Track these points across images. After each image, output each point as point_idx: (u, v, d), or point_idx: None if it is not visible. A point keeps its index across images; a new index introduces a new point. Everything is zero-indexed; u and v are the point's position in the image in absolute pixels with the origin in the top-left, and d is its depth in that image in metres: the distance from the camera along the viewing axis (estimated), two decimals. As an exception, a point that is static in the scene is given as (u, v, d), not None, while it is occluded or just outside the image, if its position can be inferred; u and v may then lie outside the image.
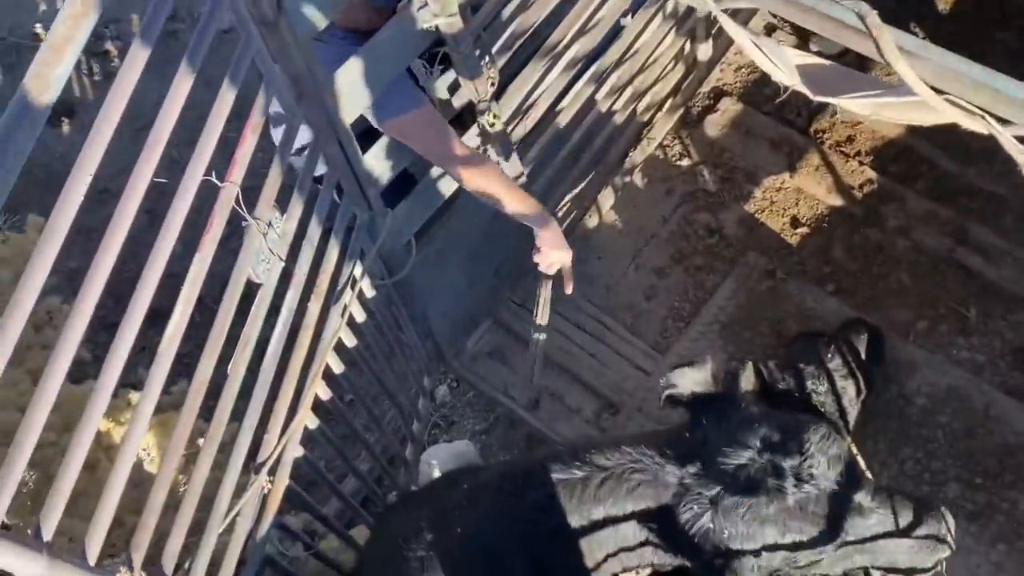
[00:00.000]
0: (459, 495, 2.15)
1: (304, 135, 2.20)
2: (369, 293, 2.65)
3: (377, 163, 2.41)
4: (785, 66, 1.44)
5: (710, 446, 2.07)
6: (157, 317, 1.70)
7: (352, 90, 2.17)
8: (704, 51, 3.66)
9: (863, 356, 2.97)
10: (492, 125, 2.53)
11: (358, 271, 2.48)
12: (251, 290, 2.08)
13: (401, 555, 2.03)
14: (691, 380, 2.25)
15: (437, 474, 2.67)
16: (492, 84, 2.45)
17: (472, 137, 2.65)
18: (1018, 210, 3.44)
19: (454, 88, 2.49)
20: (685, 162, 3.74)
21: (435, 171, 2.69)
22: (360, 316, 2.60)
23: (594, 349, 3.42)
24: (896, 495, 2.18)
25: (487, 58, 2.43)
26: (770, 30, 3.95)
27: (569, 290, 2.83)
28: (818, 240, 3.52)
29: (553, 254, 2.66)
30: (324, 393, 2.42)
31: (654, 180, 3.73)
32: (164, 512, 1.79)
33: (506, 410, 3.42)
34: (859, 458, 3.06)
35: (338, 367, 2.50)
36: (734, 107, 3.81)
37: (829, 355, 2.85)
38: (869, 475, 2.94)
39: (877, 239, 3.48)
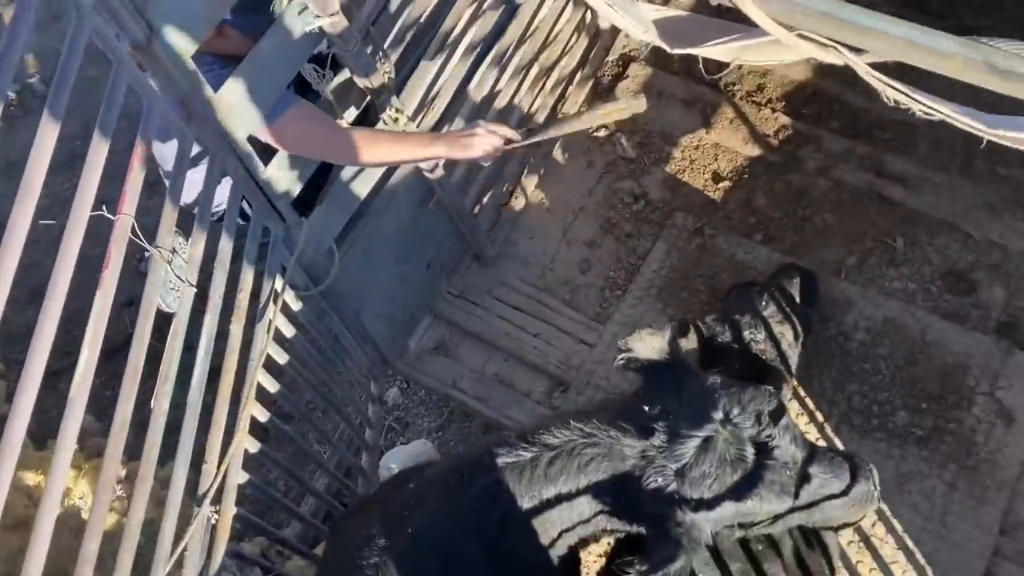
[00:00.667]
0: (407, 495, 2.13)
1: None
2: (295, 306, 2.60)
3: (282, 173, 2.36)
4: (641, 22, 1.43)
5: (671, 417, 2.07)
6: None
7: (242, 104, 2.12)
8: (605, 19, 3.64)
9: (797, 299, 3.00)
10: (396, 119, 2.50)
11: (279, 285, 2.44)
12: (168, 321, 2.03)
13: (354, 564, 2.00)
14: (648, 346, 2.25)
15: (397, 477, 2.65)
16: (389, 79, 2.42)
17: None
18: (930, 136, 3.49)
19: (352, 87, 2.45)
20: (602, 132, 3.74)
21: (346, 173, 2.64)
22: (288, 331, 2.55)
23: (536, 329, 3.41)
24: (834, 456, 2.22)
25: (379, 53, 2.39)
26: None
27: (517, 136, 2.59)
28: (741, 192, 3.54)
29: (477, 148, 2.46)
30: (261, 414, 2.38)
31: (574, 154, 3.72)
32: (108, 558, 1.74)
33: (458, 403, 3.40)
34: (807, 400, 3.12)
35: (273, 386, 2.46)
36: (643, 71, 3.81)
37: (763, 303, 2.87)
38: (813, 440, 2.99)
39: (798, 183, 3.51)
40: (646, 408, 2.10)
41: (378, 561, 1.96)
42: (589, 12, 3.59)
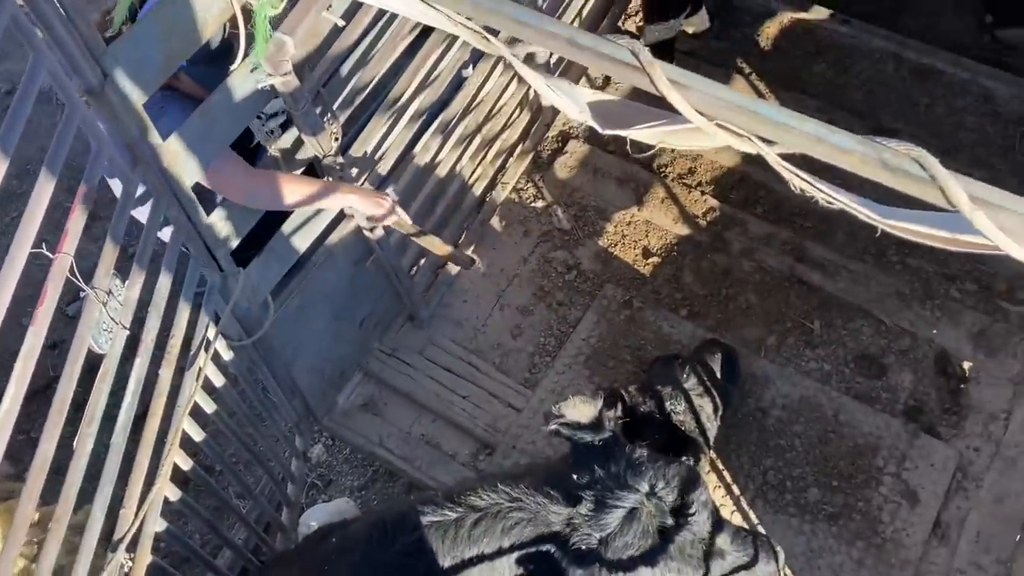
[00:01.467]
0: (328, 549, 2.13)
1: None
2: (226, 355, 2.61)
3: (223, 223, 2.40)
4: (577, 103, 1.53)
5: (598, 486, 2.13)
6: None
7: (188, 153, 2.16)
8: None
9: (718, 374, 3.11)
10: (340, 178, 2.56)
11: (211, 333, 2.45)
12: (98, 362, 2.03)
13: (270, 617, 1.99)
14: (579, 412, 2.31)
15: (315, 535, 2.63)
16: (336, 139, 2.49)
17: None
18: (847, 226, 3.70)
19: (298, 143, 2.51)
20: (539, 203, 3.86)
21: (287, 227, 2.69)
22: (218, 380, 2.55)
23: (466, 391, 3.46)
24: (744, 533, 2.31)
25: (328, 115, 2.46)
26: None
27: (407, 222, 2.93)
28: (669, 268, 3.68)
29: (369, 209, 2.72)
30: (184, 462, 2.36)
31: (511, 222, 3.83)
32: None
33: (384, 462, 3.40)
34: (724, 472, 3.21)
35: (198, 434, 2.45)
36: (581, 148, 3.97)
37: (685, 375, 2.97)
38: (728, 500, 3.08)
39: (724, 263, 3.67)
40: (574, 476, 2.15)
41: (294, 613, 1.96)
42: (532, 90, 3.73)
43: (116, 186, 2.49)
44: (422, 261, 3.56)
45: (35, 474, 1.75)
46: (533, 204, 3.86)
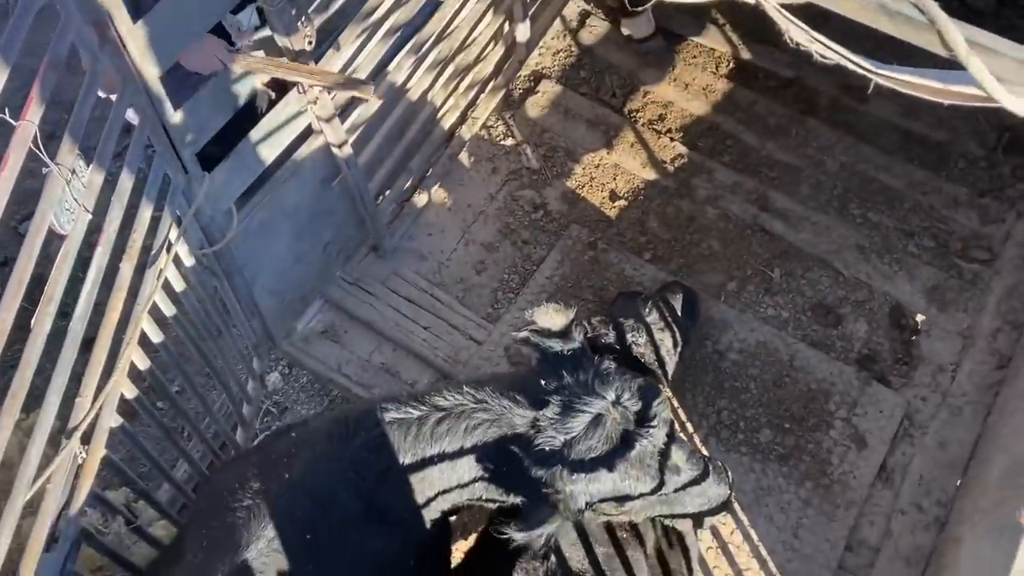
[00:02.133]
0: (288, 443, 2.11)
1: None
2: (188, 261, 2.56)
3: (190, 120, 2.35)
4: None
5: (566, 392, 2.13)
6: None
7: (157, 42, 2.11)
8: (522, 32, 3.78)
9: (679, 313, 3.14)
10: (311, 85, 2.52)
11: (173, 235, 2.40)
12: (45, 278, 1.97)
13: (225, 507, 1.96)
14: (551, 320, 2.29)
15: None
16: (309, 43, 2.45)
17: (293, 97, 2.63)
18: (812, 179, 3.74)
19: (271, 46, 2.46)
20: (509, 141, 3.84)
21: (255, 134, 2.64)
22: (179, 284, 2.51)
23: (427, 322, 3.45)
24: (697, 454, 2.35)
25: (303, 17, 2.42)
26: (584, 16, 4.14)
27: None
28: (635, 212, 3.70)
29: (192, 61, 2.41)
30: (141, 361, 2.32)
31: (480, 159, 3.81)
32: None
33: (342, 389, 3.38)
34: (679, 410, 3.25)
35: (156, 335, 2.41)
36: (553, 89, 3.95)
37: (647, 310, 3.00)
38: (684, 436, 3.13)
39: (689, 209, 3.70)
40: (542, 382, 2.16)
41: (251, 504, 1.94)
42: (507, 23, 3.71)
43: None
44: (387, 192, 3.53)
45: (-10, 346, 1.70)
46: (502, 142, 3.84)
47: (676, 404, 3.26)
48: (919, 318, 3.46)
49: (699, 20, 4.10)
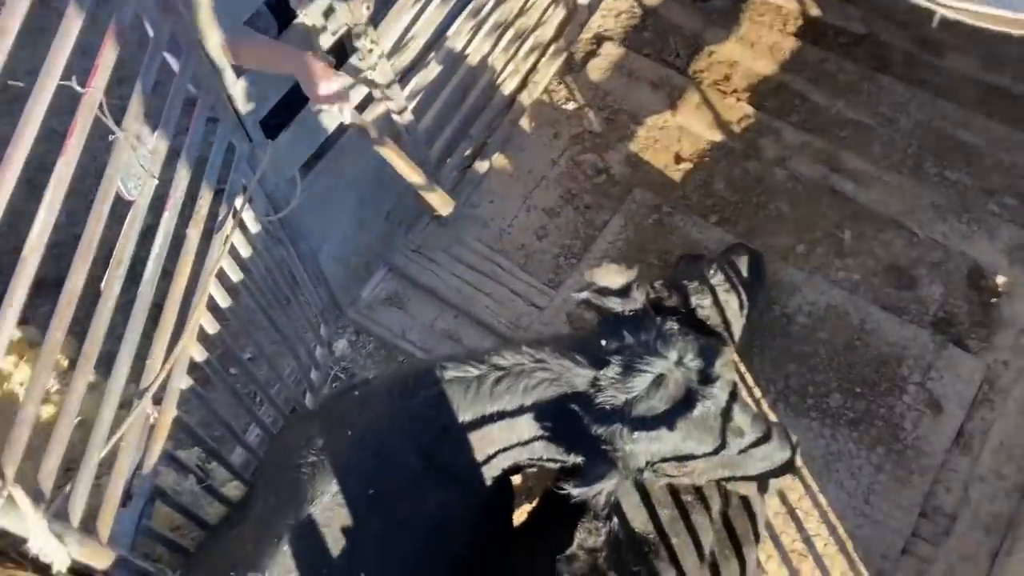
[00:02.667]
0: (351, 402, 2.15)
1: None
2: (254, 228, 2.61)
3: (253, 88, 2.38)
4: None
5: (627, 353, 2.11)
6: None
7: (219, 10, 2.13)
8: (584, -6, 3.73)
9: (744, 274, 3.08)
10: (370, 50, 2.53)
11: (239, 203, 2.44)
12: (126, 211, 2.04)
13: (291, 463, 2.01)
14: (611, 279, 2.27)
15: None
16: (367, 8, 2.45)
17: (352, 62, 2.64)
18: (884, 137, 3.62)
19: (330, 12, 2.47)
20: (571, 105, 3.81)
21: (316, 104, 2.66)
22: (245, 251, 2.56)
23: (489, 289, 3.46)
24: (761, 416, 2.30)
25: (362, -18, 2.42)
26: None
27: (347, 117, 2.46)
28: (701, 174, 3.63)
29: (323, 85, 2.33)
30: (210, 325, 2.38)
31: (541, 124, 3.78)
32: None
33: (406, 355, 3.42)
34: (746, 374, 3.19)
35: (224, 300, 2.46)
36: (616, 51, 3.89)
37: (711, 272, 2.94)
38: (748, 399, 3.08)
39: (756, 171, 3.61)
40: (603, 343, 2.14)
41: (315, 460, 1.98)
42: (569, -14, 3.66)
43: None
44: (448, 160, 3.53)
45: (63, 308, 1.76)
46: (564, 106, 3.81)
47: (743, 368, 3.20)
48: (999, 279, 3.33)
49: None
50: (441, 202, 2.91)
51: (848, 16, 3.85)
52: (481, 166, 3.65)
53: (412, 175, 2.75)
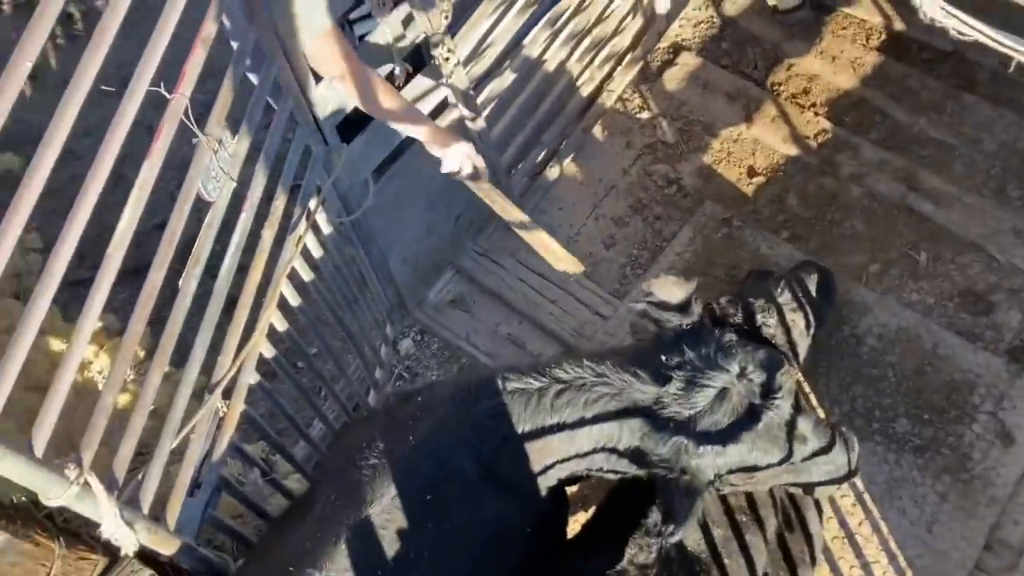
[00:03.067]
0: (413, 406, 2.19)
1: None
2: (326, 229, 2.68)
3: (332, 94, 2.44)
4: None
5: (688, 368, 2.12)
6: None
7: (304, 14, 2.20)
8: (662, 3, 3.71)
9: (813, 293, 3.04)
10: (447, 59, 2.57)
11: (312, 204, 2.51)
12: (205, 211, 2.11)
13: (352, 464, 2.06)
14: (669, 292, 2.28)
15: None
16: (446, 17, 2.49)
17: (428, 72, 2.68)
18: (966, 158, 3.52)
19: (408, 21, 2.52)
20: (644, 115, 3.80)
21: (391, 108, 2.71)
22: (317, 251, 2.62)
23: (555, 296, 3.47)
24: (823, 422, 2.28)
25: (441, -8, 2.46)
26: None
27: (485, 184, 2.75)
28: (774, 188, 3.59)
29: (452, 151, 2.58)
30: (280, 323, 2.45)
31: (614, 132, 3.78)
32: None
33: (470, 359, 3.46)
34: (811, 395, 3.15)
35: (295, 299, 2.53)
36: (692, 61, 3.87)
37: (779, 290, 2.91)
38: (813, 407, 3.04)
39: (831, 187, 3.55)
40: (663, 357, 2.14)
41: (376, 463, 2.03)
42: (646, -6, 3.65)
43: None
44: (520, 164, 3.56)
45: (143, 304, 1.84)
46: (638, 115, 3.80)
47: (808, 388, 3.16)
48: (1083, 309, 3.22)
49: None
50: (569, 263, 2.94)
51: (933, 32, 3.73)
52: (552, 173, 3.67)
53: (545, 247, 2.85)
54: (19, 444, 1.50)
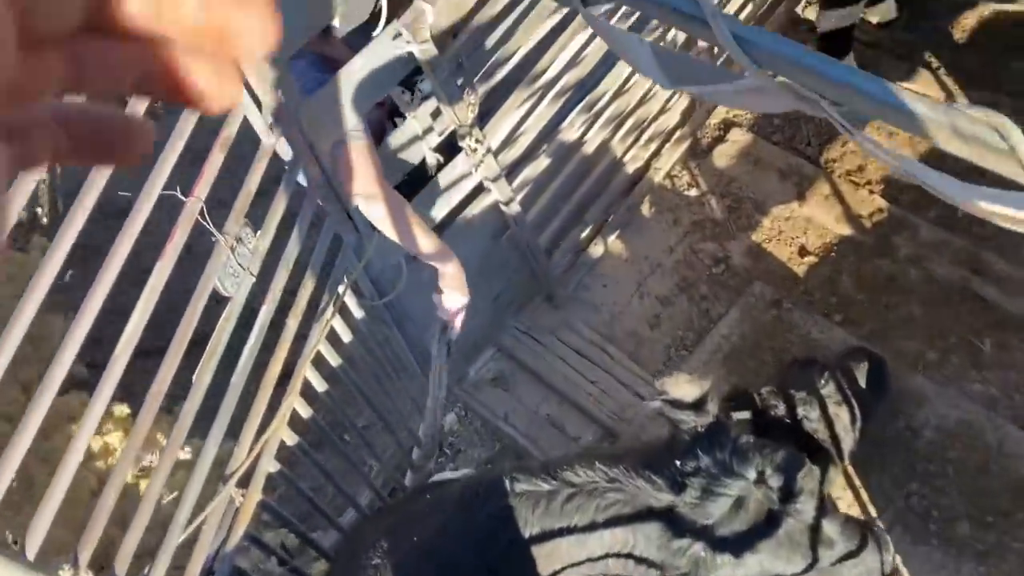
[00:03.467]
0: (421, 506, 2.16)
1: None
2: (357, 313, 2.69)
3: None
4: (644, 60, 1.46)
5: (703, 474, 2.06)
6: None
7: (328, 113, 2.24)
8: (710, 82, 3.66)
9: (863, 384, 2.90)
10: (475, 149, 2.58)
11: (341, 289, 2.53)
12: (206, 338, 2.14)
13: (358, 564, 2.04)
14: (683, 391, 2.23)
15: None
16: (472, 110, 2.50)
17: (460, 159, 2.70)
18: (1034, 239, 3.34)
19: (437, 114, 2.55)
20: (693, 192, 3.74)
21: (425, 194, 2.73)
22: (346, 336, 2.64)
23: (595, 376, 3.41)
24: (851, 522, 2.17)
25: (468, 86, 2.48)
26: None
27: (457, 331, 2.77)
28: (826, 270, 3.47)
29: (454, 296, 2.65)
30: (304, 410, 2.46)
31: (661, 209, 3.73)
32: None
33: (508, 438, 3.42)
34: (862, 490, 2.99)
35: (321, 385, 2.54)
36: (743, 137, 3.80)
37: (823, 381, 2.79)
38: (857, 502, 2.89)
39: (887, 269, 3.41)
40: (677, 463, 2.08)
41: (379, 563, 2.00)
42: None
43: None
44: (562, 243, 3.53)
45: (153, 395, 1.87)
46: (686, 192, 3.74)
47: (857, 484, 3.00)
48: None
49: (908, 65, 3.80)
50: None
51: (999, 107, 3.59)
52: (596, 249, 3.63)
53: None
54: (11, 551, 1.52)
